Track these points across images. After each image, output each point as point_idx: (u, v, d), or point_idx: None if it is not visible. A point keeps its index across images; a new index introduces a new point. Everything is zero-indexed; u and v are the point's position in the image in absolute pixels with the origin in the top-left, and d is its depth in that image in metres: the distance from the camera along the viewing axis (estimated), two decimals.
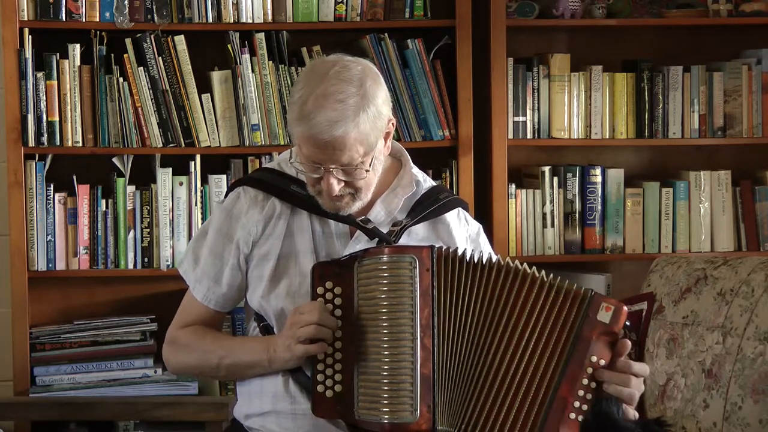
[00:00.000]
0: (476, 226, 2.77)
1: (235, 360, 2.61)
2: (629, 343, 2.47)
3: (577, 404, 2.45)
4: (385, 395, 2.43)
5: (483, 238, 2.78)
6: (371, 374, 2.45)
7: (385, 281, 2.46)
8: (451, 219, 2.71)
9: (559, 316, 2.46)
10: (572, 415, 2.45)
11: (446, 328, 2.46)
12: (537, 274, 2.48)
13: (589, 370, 2.45)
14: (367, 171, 2.53)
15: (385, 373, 2.44)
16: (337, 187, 2.52)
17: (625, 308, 2.47)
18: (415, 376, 2.42)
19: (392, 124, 2.58)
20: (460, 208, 2.74)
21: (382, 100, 2.52)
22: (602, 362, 2.46)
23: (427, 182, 2.72)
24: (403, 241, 2.61)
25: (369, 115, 2.48)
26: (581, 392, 2.45)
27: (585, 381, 2.45)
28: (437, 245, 2.51)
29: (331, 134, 2.45)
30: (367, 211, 2.63)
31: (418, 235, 2.65)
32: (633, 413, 2.51)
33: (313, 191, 2.58)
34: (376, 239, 2.58)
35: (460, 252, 2.50)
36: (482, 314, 2.48)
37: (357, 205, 2.58)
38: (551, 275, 2.49)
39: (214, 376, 2.72)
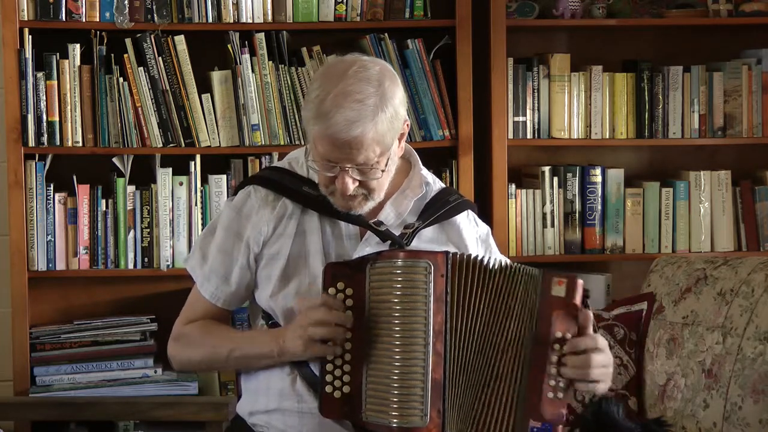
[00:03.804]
0: (485, 228, 2.77)
1: (243, 353, 2.60)
2: (590, 313, 2.45)
3: (552, 383, 2.42)
4: (395, 399, 2.42)
5: (492, 241, 2.77)
6: (381, 377, 2.44)
7: (399, 285, 2.45)
8: (461, 221, 2.70)
9: (525, 302, 2.46)
10: (550, 395, 2.41)
11: (458, 334, 2.45)
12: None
13: (557, 346, 2.43)
14: (382, 171, 2.52)
15: (395, 377, 2.43)
16: (351, 186, 2.51)
17: (580, 280, 2.44)
18: (426, 381, 2.42)
19: (407, 125, 2.57)
20: (469, 210, 2.74)
21: (399, 100, 2.51)
22: (569, 335, 2.43)
23: (436, 184, 2.72)
24: (412, 243, 2.60)
25: (387, 116, 2.47)
26: (554, 369, 2.42)
27: (555, 357, 2.42)
28: (452, 251, 2.50)
29: (349, 134, 2.44)
30: (377, 213, 2.62)
31: (426, 236, 2.64)
32: (602, 387, 2.46)
33: (325, 191, 2.57)
34: (388, 242, 2.57)
35: (473, 256, 2.50)
36: (493, 320, 2.47)
37: (369, 205, 2.57)
38: (517, 266, 2.48)
39: (221, 368, 2.73)
